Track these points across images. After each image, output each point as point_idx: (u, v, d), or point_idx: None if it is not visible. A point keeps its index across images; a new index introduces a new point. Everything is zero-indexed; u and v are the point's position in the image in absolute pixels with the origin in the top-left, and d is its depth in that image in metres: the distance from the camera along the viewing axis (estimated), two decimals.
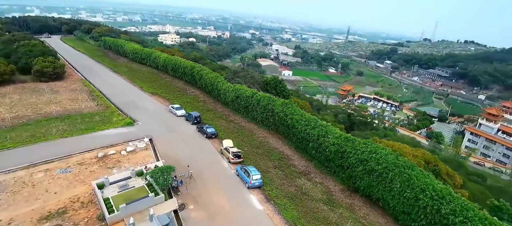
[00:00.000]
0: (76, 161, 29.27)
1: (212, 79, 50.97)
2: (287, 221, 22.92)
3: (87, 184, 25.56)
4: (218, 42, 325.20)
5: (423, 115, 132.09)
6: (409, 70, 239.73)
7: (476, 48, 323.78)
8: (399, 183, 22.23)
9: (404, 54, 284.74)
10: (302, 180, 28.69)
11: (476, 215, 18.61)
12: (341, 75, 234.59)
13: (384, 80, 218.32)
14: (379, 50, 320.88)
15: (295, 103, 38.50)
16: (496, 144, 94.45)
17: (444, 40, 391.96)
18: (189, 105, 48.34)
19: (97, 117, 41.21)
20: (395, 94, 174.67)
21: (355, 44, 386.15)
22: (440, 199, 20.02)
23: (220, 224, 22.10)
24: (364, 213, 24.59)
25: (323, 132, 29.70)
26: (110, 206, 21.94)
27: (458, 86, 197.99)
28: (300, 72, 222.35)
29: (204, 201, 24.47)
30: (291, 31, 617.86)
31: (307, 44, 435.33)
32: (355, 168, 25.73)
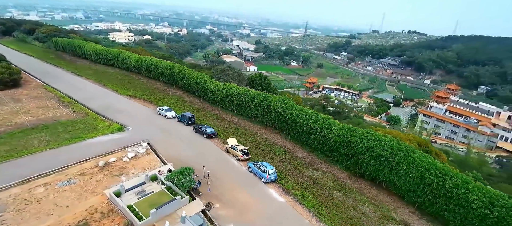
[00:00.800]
0: (76, 171, 27.56)
1: (197, 78, 50.33)
2: (309, 209, 24.59)
3: (99, 193, 24.51)
4: (176, 39, 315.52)
5: (380, 101, 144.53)
6: (363, 61, 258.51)
7: (418, 37, 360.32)
8: (405, 165, 25.19)
9: (357, 46, 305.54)
10: (310, 171, 30.60)
11: (475, 186, 22.16)
12: (303, 68, 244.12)
13: (342, 71, 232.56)
14: (335, 43, 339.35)
15: (290, 98, 40.14)
16: (445, 123, 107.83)
17: (390, 31, 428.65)
18: (176, 107, 47.28)
19: (81, 125, 38.49)
20: (353, 83, 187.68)
21: (312, 38, 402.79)
22: (443, 176, 23.29)
23: (250, 219, 22.99)
24: (373, 195, 27.30)
25: (326, 125, 31.82)
26: (136, 213, 21.46)
27: (406, 73, 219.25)
28: (264, 67, 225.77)
29: (227, 198, 25.01)
30: (249, 26, 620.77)
31: (267, 39, 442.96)
32: (361, 155, 28.26)
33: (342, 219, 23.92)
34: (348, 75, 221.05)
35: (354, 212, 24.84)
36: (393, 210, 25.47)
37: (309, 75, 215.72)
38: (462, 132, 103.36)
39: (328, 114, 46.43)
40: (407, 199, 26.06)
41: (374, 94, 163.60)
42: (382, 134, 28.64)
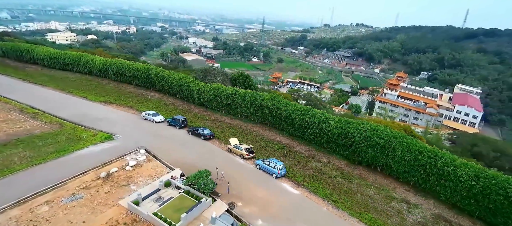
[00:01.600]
0: (77, 185, 25.96)
1: (180, 80, 49.30)
2: (323, 198, 26.69)
3: (113, 205, 23.69)
4: (126, 38, 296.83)
5: (340, 92, 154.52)
6: (320, 54, 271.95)
7: (366, 29, 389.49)
8: (400, 150, 28.53)
9: (313, 40, 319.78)
10: (313, 163, 32.74)
11: (462, 163, 26.19)
12: (264, 63, 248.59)
13: (302, 65, 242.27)
14: (292, 38, 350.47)
15: (281, 95, 41.76)
16: (398, 107, 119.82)
17: (340, 24, 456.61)
18: (160, 110, 45.90)
19: (62, 136, 35.54)
20: (313, 76, 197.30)
21: (269, 33, 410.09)
22: (435, 156, 27.05)
23: (274, 213, 24.28)
24: (373, 179, 30.37)
25: (323, 119, 34.15)
26: (164, 219, 21.45)
27: (358, 64, 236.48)
28: (226, 64, 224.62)
29: (246, 196, 25.91)
30: (203, 22, 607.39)
31: (223, 35, 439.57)
32: (359, 144, 31.08)
33: (353, 203, 26.44)
34: (307, 68, 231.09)
35: (362, 196, 27.56)
36: (392, 191, 28.78)
37: (272, 70, 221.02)
38: (413, 115, 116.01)
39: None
40: (402, 180, 29.59)
41: (333, 86, 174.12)
42: (375, 124, 31.85)
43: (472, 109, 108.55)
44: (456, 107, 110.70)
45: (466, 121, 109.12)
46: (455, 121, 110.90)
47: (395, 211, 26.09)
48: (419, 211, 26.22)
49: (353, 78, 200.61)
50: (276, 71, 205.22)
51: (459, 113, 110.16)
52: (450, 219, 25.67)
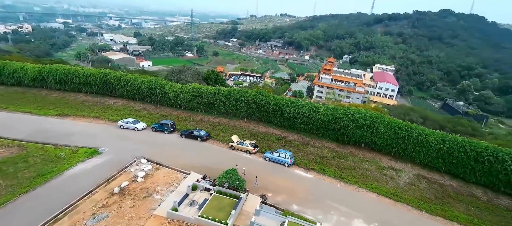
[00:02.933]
0: (92, 206, 23.81)
1: (150, 83, 46.57)
2: (333, 177, 30.36)
3: (149, 217, 22.91)
4: (22, 39, 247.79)
5: (281, 80, 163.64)
6: (254, 45, 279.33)
7: (290, 19, 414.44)
8: (383, 128, 33.93)
9: (244, 31, 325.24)
10: (310, 148, 36.11)
11: (430, 132, 32.88)
12: (199, 58, 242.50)
13: (238, 57, 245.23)
14: (222, 30, 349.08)
15: (266, 90, 43.65)
16: (333, 89, 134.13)
17: (266, 15, 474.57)
18: (133, 117, 42.75)
19: (35, 159, 30.81)
20: (252, 67, 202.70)
21: (199, 26, 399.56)
22: (410, 129, 33.25)
23: (301, 196, 26.89)
24: (362, 155, 35.36)
25: (312, 108, 37.61)
26: (213, 218, 22.08)
27: (290, 52, 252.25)
28: (159, 61, 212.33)
29: (271, 187, 27.65)
30: (116, 16, 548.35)
31: (145, 29, 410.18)
32: (347, 127, 35.63)
33: (357, 177, 30.82)
34: (244, 59, 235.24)
35: (361, 170, 32.18)
36: (380, 162, 34.24)
37: (209, 64, 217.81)
38: (345, 94, 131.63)
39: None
40: (384, 152, 35.33)
41: (273, 75, 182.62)
42: (359, 108, 36.89)
43: (390, 85, 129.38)
44: (378, 84, 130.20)
45: (386, 95, 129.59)
46: (378, 95, 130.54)
47: (388, 177, 31.48)
48: (404, 174, 32.18)
49: (288, 66, 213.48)
50: (214, 65, 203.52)
51: (380, 88, 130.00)
52: (426, 176, 32.28)
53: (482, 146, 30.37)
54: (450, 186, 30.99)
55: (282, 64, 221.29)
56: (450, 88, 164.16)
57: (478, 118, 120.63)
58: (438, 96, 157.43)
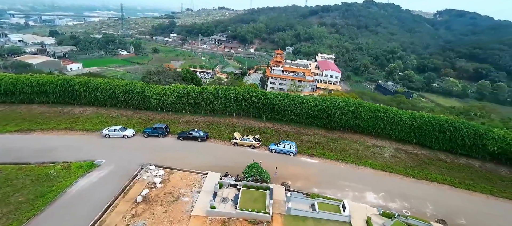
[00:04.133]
0: (118, 219, 22.97)
1: (126, 87, 43.72)
2: (334, 160, 34.06)
3: (188, 218, 23.32)
4: None
5: (233, 74, 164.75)
6: (197, 40, 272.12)
7: (229, 12, 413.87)
8: (365, 112, 38.81)
9: (184, 26, 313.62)
10: (304, 137, 39.15)
11: (403, 112, 38.81)
12: (137, 56, 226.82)
13: (182, 53, 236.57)
14: (159, 25, 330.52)
15: (253, 87, 44.85)
16: (285, 80, 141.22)
17: (203, 8, 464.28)
18: (110, 124, 40.24)
19: (23, 181, 27.48)
20: (199, 63, 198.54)
21: (130, 21, 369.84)
22: (387, 111, 38.71)
23: (316, 180, 29.83)
24: (349, 137, 39.80)
25: (302, 100, 40.53)
26: (253, 210, 23.75)
27: (235, 46, 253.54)
28: (91, 63, 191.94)
29: (288, 176, 29.82)
30: (20, 13, 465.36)
31: (63, 27, 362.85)
32: (334, 114, 39.61)
33: (353, 157, 35.04)
34: (189, 55, 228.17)
35: (353, 151, 36.55)
36: (364, 141, 39.16)
37: (151, 62, 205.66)
38: (297, 84, 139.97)
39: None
40: (366, 132, 40.43)
41: (223, 69, 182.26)
42: (343, 97, 41.15)
43: (334, 72, 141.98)
44: (324, 72, 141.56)
45: (331, 81, 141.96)
46: (324, 82, 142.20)
47: (376, 153, 36.52)
48: (387, 149, 37.66)
49: (235, 60, 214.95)
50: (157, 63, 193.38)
51: (326, 76, 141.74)
52: (403, 148, 38.31)
53: (443, 119, 37.45)
54: (422, 154, 37.52)
55: (229, 59, 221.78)
56: (379, 71, 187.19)
57: (405, 95, 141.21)
58: (371, 79, 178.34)
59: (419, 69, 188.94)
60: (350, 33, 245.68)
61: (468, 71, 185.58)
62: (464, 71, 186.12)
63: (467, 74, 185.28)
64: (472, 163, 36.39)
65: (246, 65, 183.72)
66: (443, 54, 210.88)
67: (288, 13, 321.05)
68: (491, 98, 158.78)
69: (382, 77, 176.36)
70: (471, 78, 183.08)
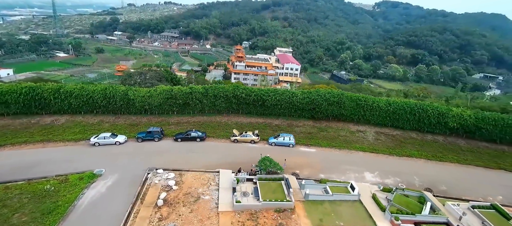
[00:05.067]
0: (148, 223, 23.04)
1: (106, 91, 41.30)
2: (329, 147, 37.37)
3: (216, 214, 24.25)
4: None
5: (194, 72, 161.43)
6: (146, 38, 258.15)
7: (177, 7, 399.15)
8: (348, 101, 42.76)
9: (130, 23, 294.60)
10: (295, 129, 41.71)
11: (380, 99, 43.71)
12: (78, 57, 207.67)
13: (131, 52, 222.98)
14: (100, 22, 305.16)
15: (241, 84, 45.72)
16: (249, 75, 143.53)
17: (148, 3, 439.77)
18: (92, 132, 38.23)
19: (19, 199, 25.31)
20: (153, 62, 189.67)
21: (64, 19, 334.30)
22: (367, 100, 43.03)
23: (320, 167, 32.79)
24: (335, 126, 43.43)
25: (290, 94, 42.90)
26: (276, 200, 25.69)
27: (189, 42, 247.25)
28: (24, 67, 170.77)
29: (293, 166, 32.18)
30: None
31: None
32: (321, 106, 42.86)
33: (343, 143, 38.73)
34: (140, 54, 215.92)
35: (342, 137, 40.28)
36: (349, 128, 43.23)
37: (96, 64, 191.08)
38: (260, 78, 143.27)
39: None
40: (349, 120, 44.56)
41: (181, 67, 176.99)
42: (328, 89, 44.56)
43: (294, 65, 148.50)
44: (285, 65, 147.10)
45: (292, 74, 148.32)
46: (286, 75, 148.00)
47: (361, 138, 40.80)
48: (369, 133, 42.24)
49: (192, 57, 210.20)
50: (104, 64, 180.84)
51: (287, 69, 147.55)
52: (381, 131, 43.22)
53: (413, 103, 43.27)
54: (397, 135, 42.93)
55: (185, 56, 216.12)
56: (332, 61, 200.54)
57: (357, 82, 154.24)
58: (326, 69, 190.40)
59: (365, 57, 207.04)
60: (302, 27, 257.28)
61: (406, 57, 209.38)
62: (403, 57, 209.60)
63: (406, 60, 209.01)
64: (437, 139, 42.87)
65: (205, 62, 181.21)
66: (384, 43, 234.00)
67: (240, 8, 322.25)
68: (427, 80, 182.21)
69: (335, 67, 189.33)
70: (409, 63, 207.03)
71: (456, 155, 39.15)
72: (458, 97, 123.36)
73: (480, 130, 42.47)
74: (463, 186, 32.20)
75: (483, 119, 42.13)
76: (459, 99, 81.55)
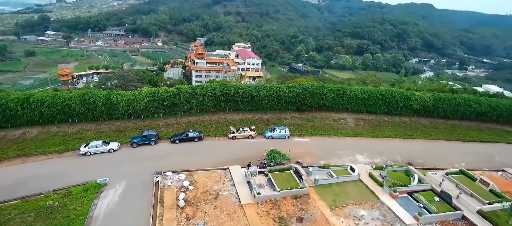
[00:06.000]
0: (176, 223, 23.53)
1: (84, 97, 38.89)
2: (319, 135, 41.04)
3: (240, 208, 25.62)
4: None
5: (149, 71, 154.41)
6: (87, 37, 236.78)
7: (118, 2, 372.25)
8: (329, 93, 46.64)
9: (63, 21, 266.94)
10: (284, 121, 44.33)
11: (356, 88, 48.58)
12: (4, 62, 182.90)
13: (70, 53, 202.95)
14: (26, 21, 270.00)
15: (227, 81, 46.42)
16: (211, 72, 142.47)
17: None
18: (71, 143, 36.14)
19: (22, 218, 23.37)
20: (98, 63, 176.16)
21: None
22: (345, 90, 47.37)
23: (318, 154, 36.10)
24: (319, 115, 46.94)
25: (277, 89, 45.19)
26: (292, 188, 27.99)
27: (137, 40, 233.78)
28: None
29: (296, 155, 34.71)
30: None
31: None
32: (305, 98, 46.03)
33: (330, 130, 42.76)
34: (82, 56, 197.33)
35: (328, 126, 44.19)
36: (332, 117, 47.25)
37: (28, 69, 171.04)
38: (222, 74, 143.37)
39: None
40: (330, 109, 48.55)
41: (133, 67, 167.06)
42: (310, 82, 48.11)
43: (255, 59, 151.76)
44: (246, 60, 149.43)
45: (253, 69, 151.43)
46: (248, 70, 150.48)
47: (344, 125, 45.17)
48: (350, 120, 46.84)
49: (143, 55, 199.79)
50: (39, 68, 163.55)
51: (249, 64, 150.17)
52: (358, 117, 48.12)
53: (382, 90, 49.12)
54: (372, 119, 48.35)
55: (136, 55, 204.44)
56: (289, 54, 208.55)
57: (314, 73, 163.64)
58: (284, 62, 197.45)
59: (317, 49, 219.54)
60: (256, 21, 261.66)
61: (353, 47, 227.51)
62: (351, 48, 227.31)
63: (353, 50, 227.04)
64: (404, 120, 49.40)
65: (161, 60, 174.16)
66: (333, 34, 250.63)
67: (190, 3, 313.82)
68: (372, 67, 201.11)
69: (292, 60, 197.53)
70: (356, 53, 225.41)
71: (422, 132, 45.86)
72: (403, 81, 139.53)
73: (437, 109, 50.17)
74: (433, 158, 38.31)
75: (439, 100, 49.81)
76: (404, 83, 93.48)
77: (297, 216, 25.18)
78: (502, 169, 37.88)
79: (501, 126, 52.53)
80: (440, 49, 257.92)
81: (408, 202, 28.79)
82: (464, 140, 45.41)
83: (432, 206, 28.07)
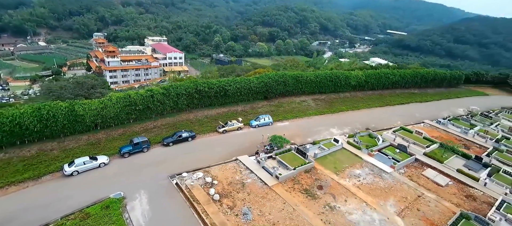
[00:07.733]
0: (224, 216, 25.37)
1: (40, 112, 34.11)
2: (294, 118, 47.48)
3: (269, 190, 29.08)
4: None
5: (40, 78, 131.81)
6: None
7: None
8: (290, 80, 52.80)
9: None
10: (258, 110, 48.63)
11: (310, 73, 56.09)
12: None
13: None
14: None
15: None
16: (128, 70, 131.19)
17: None
18: (42, 160, 33.00)
19: None
20: None
21: None
22: (303, 75, 54.60)
23: (303, 134, 42.37)
24: (285, 101, 52.83)
25: (247, 81, 48.50)
26: (301, 165, 33.58)
27: (9, 41, 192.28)
28: None
29: (288, 138, 39.07)
30: None
31: None
32: (272, 87, 50.88)
33: (300, 112, 49.66)
34: None
35: (295, 109, 50.79)
36: (296, 100, 53.84)
37: None
38: (143, 72, 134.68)
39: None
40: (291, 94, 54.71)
41: (16, 76, 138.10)
42: (275, 72, 53.20)
43: (177, 53, 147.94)
44: (167, 55, 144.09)
45: (177, 63, 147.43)
46: (170, 65, 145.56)
47: (307, 106, 52.59)
48: (309, 101, 54.52)
49: (23, 59, 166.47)
50: None
51: (170, 58, 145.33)
52: (315, 98, 56.20)
53: (329, 73, 58.63)
54: (326, 97, 57.49)
55: (12, 59, 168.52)
56: (206, 45, 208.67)
57: (237, 62, 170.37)
58: (204, 54, 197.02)
59: (233, 39, 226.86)
60: (162, 12, 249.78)
61: (266, 35, 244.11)
62: (263, 36, 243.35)
63: (265, 37, 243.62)
64: (346, 95, 60.44)
65: (55, 62, 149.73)
66: (245, 23, 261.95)
67: None
68: (285, 52, 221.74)
69: (212, 51, 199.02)
70: (268, 40, 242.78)
71: (363, 103, 57.68)
72: (316, 62, 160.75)
73: (367, 83, 63.13)
74: (378, 122, 49.55)
75: (369, 75, 62.78)
76: (317, 64, 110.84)
77: (317, 185, 30.54)
78: (422, 121, 52.03)
79: (408, 90, 70.14)
80: (333, 31, 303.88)
81: (381, 157, 37.71)
82: (391, 104, 59.35)
83: (397, 156, 37.73)
